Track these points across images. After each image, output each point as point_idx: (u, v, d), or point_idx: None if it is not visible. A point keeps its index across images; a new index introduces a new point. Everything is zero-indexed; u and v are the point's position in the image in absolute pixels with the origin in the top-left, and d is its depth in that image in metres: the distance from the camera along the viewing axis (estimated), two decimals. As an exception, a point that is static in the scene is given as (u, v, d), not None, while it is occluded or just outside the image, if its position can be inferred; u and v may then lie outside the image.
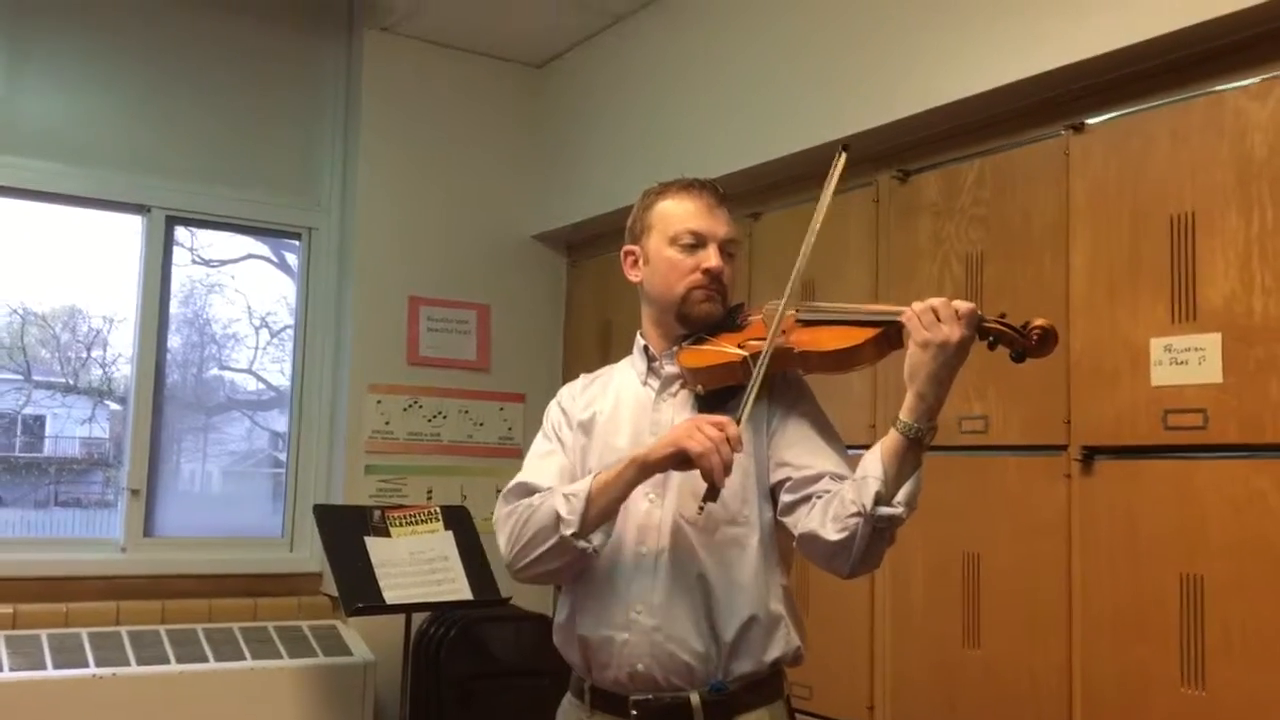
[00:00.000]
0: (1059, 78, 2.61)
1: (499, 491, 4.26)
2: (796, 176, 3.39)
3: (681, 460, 1.74)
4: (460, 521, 3.72)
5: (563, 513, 1.81)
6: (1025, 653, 2.63)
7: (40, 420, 4.25)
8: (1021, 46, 2.64)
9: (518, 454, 4.42)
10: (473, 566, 3.60)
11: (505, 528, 1.92)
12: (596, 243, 4.38)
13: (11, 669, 3.35)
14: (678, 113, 3.77)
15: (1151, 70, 2.50)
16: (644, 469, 1.79)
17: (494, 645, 3.86)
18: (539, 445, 2.05)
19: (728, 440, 1.70)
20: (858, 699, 3.01)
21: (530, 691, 3.63)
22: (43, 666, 3.40)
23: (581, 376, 2.13)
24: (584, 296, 4.51)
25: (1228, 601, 2.26)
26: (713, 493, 1.73)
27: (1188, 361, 2.35)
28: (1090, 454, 2.53)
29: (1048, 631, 2.58)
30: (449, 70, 4.41)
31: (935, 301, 1.72)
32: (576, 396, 2.07)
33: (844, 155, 1.89)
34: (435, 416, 4.28)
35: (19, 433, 4.22)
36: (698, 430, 1.72)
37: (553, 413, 2.08)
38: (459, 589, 3.55)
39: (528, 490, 1.94)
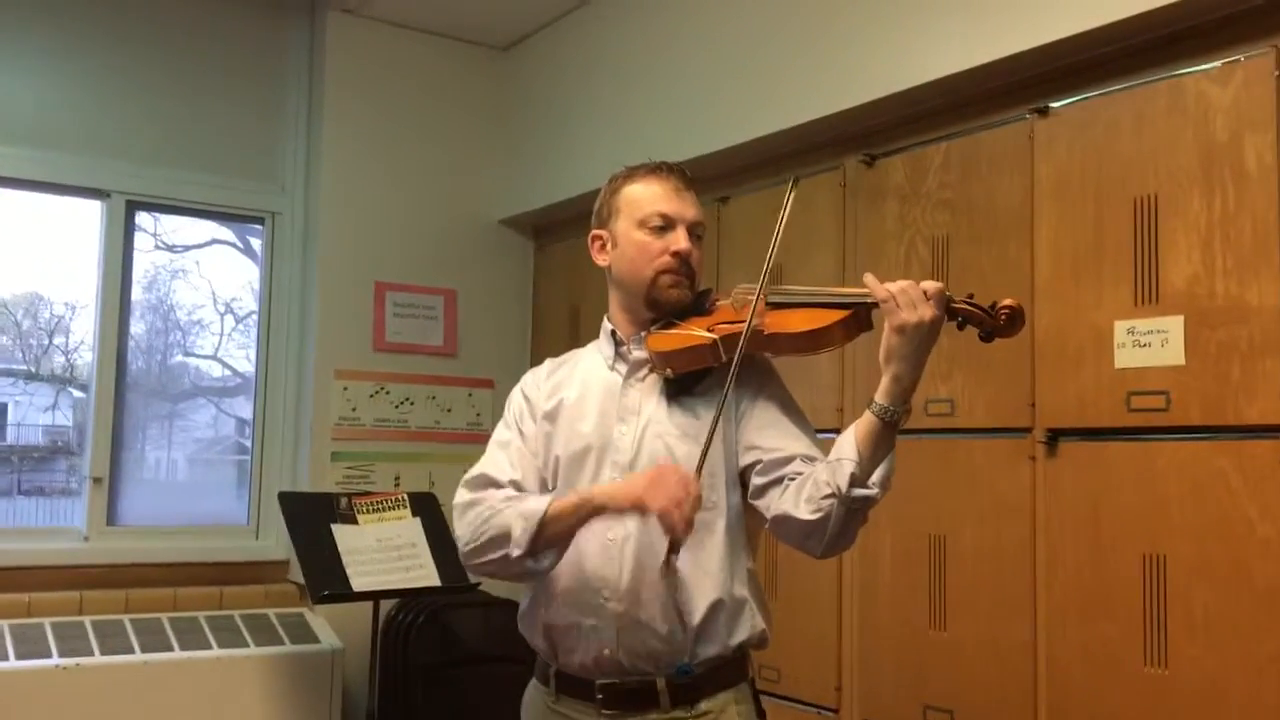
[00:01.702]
0: (1024, 61, 2.62)
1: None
2: (765, 160, 3.39)
3: (640, 512, 1.75)
4: (428, 508, 3.71)
5: (515, 533, 1.83)
6: (991, 633, 2.65)
7: (2, 408, 4.19)
8: (986, 30, 2.65)
9: (486, 440, 4.36)
10: (441, 553, 3.58)
11: (464, 520, 1.92)
12: (564, 227, 4.36)
13: (-27, 660, 3.32)
14: (645, 96, 3.76)
15: (1115, 54, 2.51)
16: (597, 511, 1.81)
17: (462, 631, 3.85)
18: (500, 433, 2.05)
19: (690, 497, 1.71)
20: (825, 680, 3.02)
21: (499, 677, 3.60)
22: (5, 657, 3.35)
23: (547, 361, 2.12)
24: (551, 281, 4.49)
25: (1190, 581, 2.28)
26: (674, 550, 1.74)
27: (1150, 344, 2.37)
28: (1055, 436, 2.55)
29: (1013, 612, 2.61)
30: (413, 53, 4.37)
31: (904, 283, 1.72)
32: (541, 384, 2.06)
33: (793, 190, 1.88)
34: (402, 403, 4.26)
35: (-20, 421, 4.17)
36: (658, 486, 1.73)
37: (515, 401, 2.07)
38: (427, 575, 3.54)
39: (488, 482, 1.95)
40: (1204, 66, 2.35)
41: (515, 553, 1.82)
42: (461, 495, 1.96)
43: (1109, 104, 2.52)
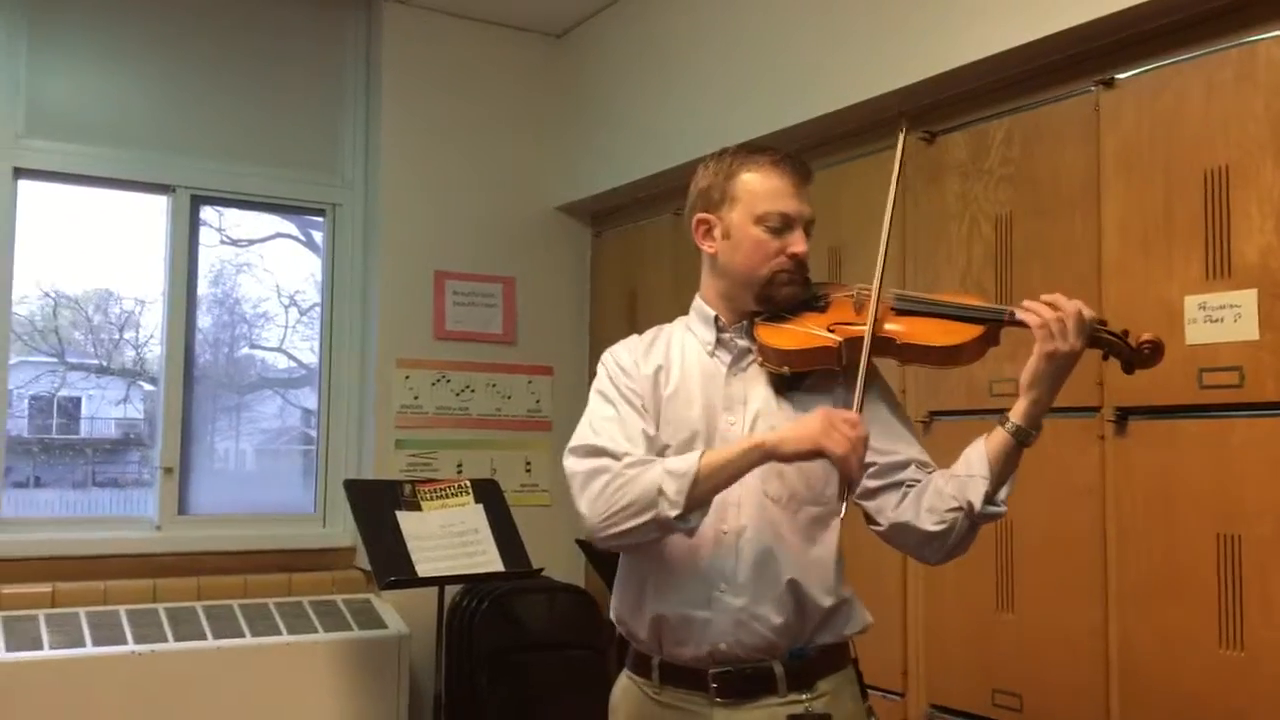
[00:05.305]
0: (1088, 32, 2.56)
1: (528, 465, 4.21)
2: (823, 140, 3.35)
3: (815, 457, 1.73)
4: (490, 494, 3.74)
5: (668, 491, 1.73)
6: (1060, 616, 2.61)
7: (76, 402, 4.29)
8: (1048, 1, 2.59)
9: (547, 427, 4.44)
10: (504, 538, 3.61)
11: (590, 489, 1.80)
12: (621, 213, 4.36)
13: (52, 647, 3.40)
14: (700, 79, 3.73)
15: (1183, 22, 2.45)
16: (768, 457, 1.75)
17: (526, 617, 3.87)
18: (605, 409, 1.91)
19: (860, 439, 1.71)
20: (892, 665, 3.00)
21: (563, 662, 3.63)
22: (82, 644, 3.44)
23: (633, 337, 2.03)
24: (609, 267, 4.49)
25: (1266, 561, 2.23)
26: (850, 489, 1.75)
27: (1223, 319, 2.32)
28: (1124, 415, 2.50)
29: (1083, 594, 2.56)
30: (469, 42, 4.38)
31: (1057, 310, 1.72)
32: (640, 361, 1.95)
33: (905, 135, 1.88)
34: (463, 390, 4.29)
35: (55, 415, 4.26)
36: (834, 430, 1.70)
37: (619, 378, 1.93)
38: (490, 561, 3.57)
39: (601, 451, 1.83)
40: (1276, 32, 2.28)
41: (671, 512, 1.72)
42: (577, 464, 1.84)
43: (1177, 73, 2.46)
